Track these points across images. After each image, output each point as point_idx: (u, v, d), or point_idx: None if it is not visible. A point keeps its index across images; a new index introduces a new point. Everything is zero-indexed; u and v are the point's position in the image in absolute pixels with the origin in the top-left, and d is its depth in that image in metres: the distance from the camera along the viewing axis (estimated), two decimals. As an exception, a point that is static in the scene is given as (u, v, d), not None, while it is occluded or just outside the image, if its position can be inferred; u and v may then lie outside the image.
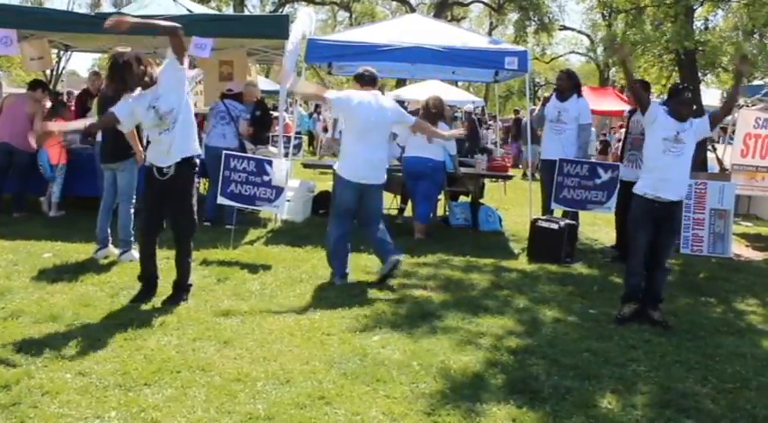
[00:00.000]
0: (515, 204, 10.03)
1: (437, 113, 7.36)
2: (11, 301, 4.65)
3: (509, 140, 19.58)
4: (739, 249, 8.06)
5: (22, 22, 7.74)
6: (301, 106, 19.41)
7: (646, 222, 4.92)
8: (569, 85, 7.38)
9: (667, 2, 9.94)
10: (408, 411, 3.31)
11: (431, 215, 7.80)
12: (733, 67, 11.00)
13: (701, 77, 11.03)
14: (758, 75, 11.55)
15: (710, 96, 16.53)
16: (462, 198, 9.07)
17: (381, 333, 4.37)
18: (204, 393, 3.38)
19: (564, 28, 33.43)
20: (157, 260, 4.91)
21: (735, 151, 9.68)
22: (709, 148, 10.49)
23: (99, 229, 5.97)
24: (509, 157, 14.24)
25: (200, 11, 9.37)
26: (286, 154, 8.46)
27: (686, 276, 6.56)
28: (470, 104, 19.71)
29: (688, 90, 5.07)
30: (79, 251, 6.08)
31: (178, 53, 4.55)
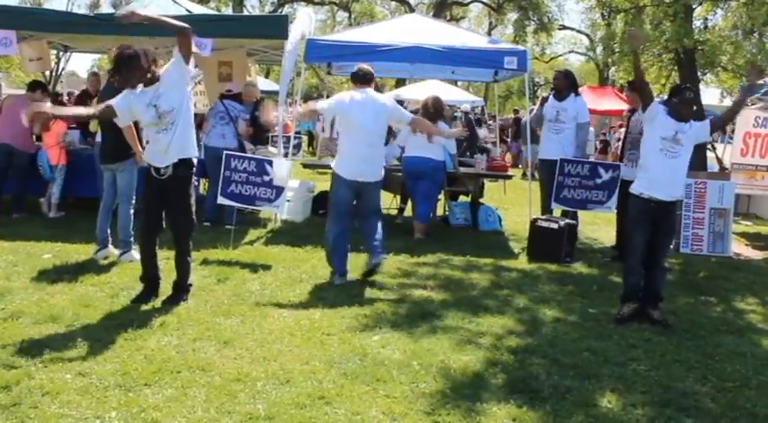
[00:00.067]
0: (515, 204, 10.03)
1: (436, 113, 7.36)
2: (11, 301, 4.65)
3: (509, 140, 19.56)
4: (739, 248, 8.07)
5: (20, 23, 7.74)
6: (301, 106, 19.39)
7: (643, 222, 4.92)
8: (566, 85, 7.41)
9: (666, 1, 9.94)
10: (408, 411, 3.31)
11: (431, 215, 7.79)
12: (746, 79, 11.03)
13: (700, 76, 11.03)
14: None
15: (710, 95, 16.57)
16: (462, 198, 9.07)
17: (381, 333, 4.37)
18: (204, 393, 3.38)
19: (563, 27, 33.45)
20: (159, 261, 4.92)
21: (734, 150, 9.69)
22: (709, 147, 10.49)
23: (99, 230, 5.98)
24: (504, 156, 14.17)
25: (200, 11, 9.38)
26: (286, 154, 8.47)
27: (686, 275, 6.56)
28: (467, 104, 19.67)
29: (690, 90, 5.05)
30: (79, 252, 6.08)
31: (185, 53, 4.54)
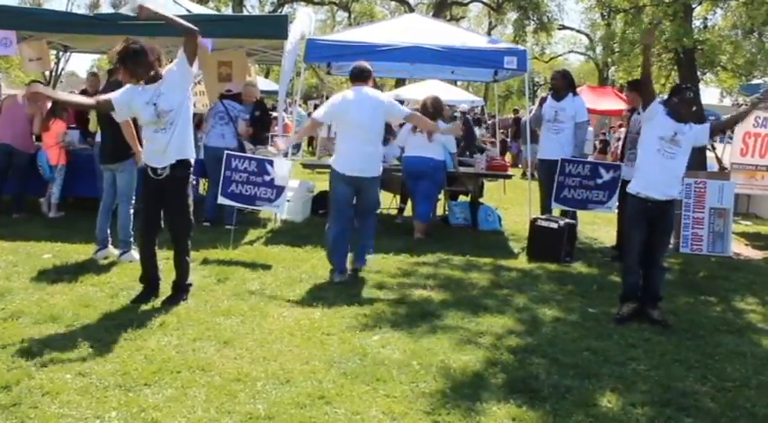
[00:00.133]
0: (515, 204, 10.04)
1: (435, 113, 7.36)
2: (11, 301, 4.65)
3: (508, 140, 19.56)
4: (739, 248, 8.07)
5: (20, 23, 7.74)
6: (301, 106, 19.39)
7: (639, 221, 4.93)
8: (564, 85, 7.44)
9: (666, 1, 9.93)
10: (408, 411, 3.31)
11: (431, 214, 7.80)
12: (752, 99, 11.02)
13: (699, 76, 11.02)
14: (757, 73, 11.54)
15: (709, 95, 16.56)
16: (462, 197, 9.07)
17: (381, 332, 4.37)
18: (204, 393, 3.38)
19: (563, 27, 33.41)
20: (158, 261, 4.92)
21: (734, 150, 9.69)
22: (709, 147, 10.48)
23: (99, 230, 5.98)
24: (504, 157, 14.13)
25: (199, 11, 9.38)
26: (285, 154, 8.46)
27: (686, 275, 6.56)
28: (465, 104, 19.66)
29: (690, 90, 5.05)
30: (79, 252, 6.08)
31: (190, 54, 4.54)
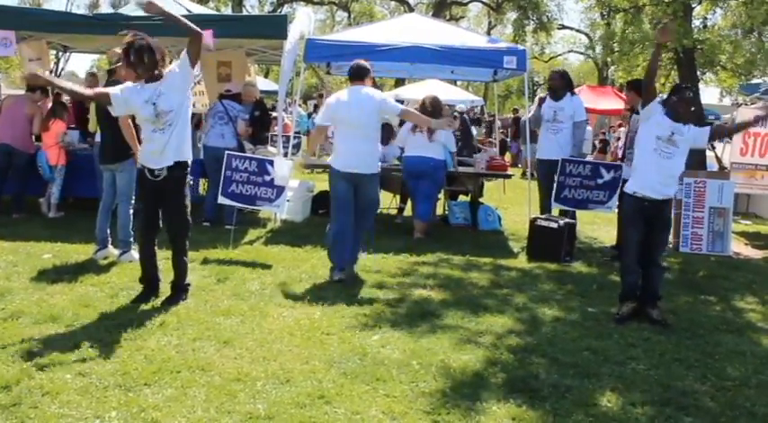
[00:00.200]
0: (515, 203, 10.04)
1: (434, 112, 7.36)
2: (11, 301, 4.65)
3: (508, 140, 19.55)
4: (738, 247, 8.07)
5: (20, 23, 7.74)
6: (300, 106, 19.38)
7: (637, 220, 4.93)
8: (562, 85, 7.48)
9: (666, 0, 9.93)
10: (408, 410, 3.31)
11: (431, 214, 7.80)
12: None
13: (699, 76, 11.02)
14: (757, 73, 11.55)
15: (709, 95, 16.54)
16: (462, 197, 9.07)
17: (381, 332, 4.37)
18: (204, 393, 3.39)
19: (562, 27, 33.36)
20: (158, 261, 4.92)
21: (734, 149, 9.68)
22: (708, 146, 10.48)
23: (98, 230, 5.98)
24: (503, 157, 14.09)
25: (199, 11, 9.38)
26: (285, 154, 8.47)
27: (685, 275, 6.56)
28: (463, 104, 19.64)
29: (690, 90, 5.05)
30: (79, 252, 6.08)
31: (193, 56, 4.54)
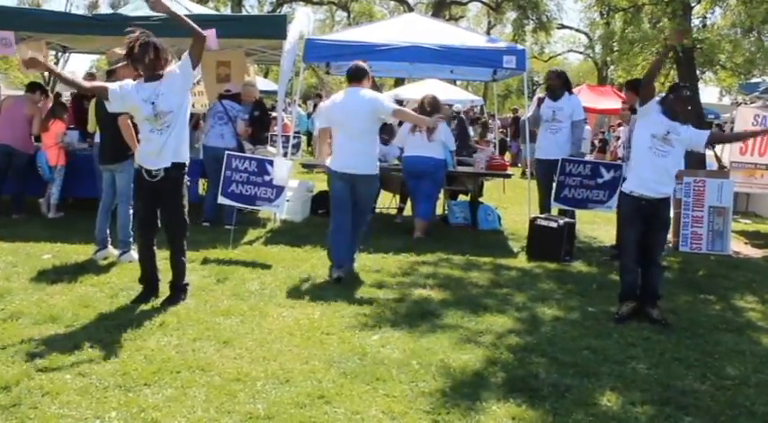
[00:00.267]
0: (514, 203, 10.04)
1: (433, 111, 7.37)
2: (10, 302, 4.65)
3: (508, 139, 19.56)
4: (738, 247, 8.07)
5: (19, 23, 7.73)
6: (300, 106, 19.39)
7: (634, 220, 4.93)
8: (560, 84, 7.51)
9: (665, -1, 9.93)
10: (408, 410, 3.31)
11: (433, 213, 7.81)
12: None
13: (699, 75, 11.01)
14: (756, 72, 11.53)
15: (709, 94, 16.52)
16: (461, 197, 9.08)
17: (381, 332, 4.37)
18: (204, 393, 3.39)
19: (562, 26, 33.33)
20: (157, 261, 4.92)
21: (733, 149, 9.68)
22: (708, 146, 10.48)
23: (98, 231, 5.98)
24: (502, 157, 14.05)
25: (199, 11, 9.38)
26: (285, 154, 8.47)
27: (685, 274, 6.56)
28: (459, 104, 19.60)
29: (687, 88, 5.06)
30: (78, 252, 6.08)
31: (195, 57, 4.54)
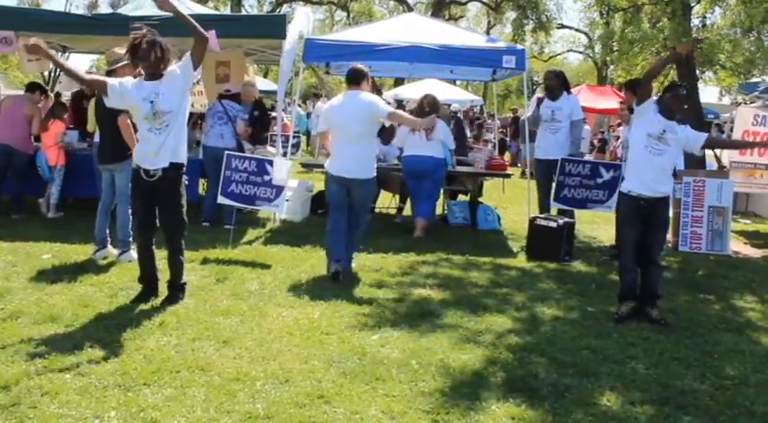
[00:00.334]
0: (514, 203, 10.04)
1: (432, 111, 7.38)
2: (10, 301, 4.65)
3: (508, 139, 19.55)
4: (737, 246, 8.07)
5: (19, 23, 7.72)
6: (300, 106, 19.39)
7: (633, 220, 4.94)
8: (558, 84, 7.51)
9: (665, -1, 9.94)
10: (407, 410, 3.31)
11: (434, 211, 7.81)
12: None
13: (698, 75, 11.02)
14: (756, 72, 11.54)
15: (708, 94, 16.51)
16: (461, 197, 9.08)
17: (380, 332, 4.37)
18: (203, 393, 3.39)
19: (562, 26, 33.32)
20: (156, 261, 4.91)
21: (733, 148, 9.67)
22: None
23: (97, 230, 5.98)
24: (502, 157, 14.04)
25: (198, 10, 9.36)
26: (284, 153, 8.47)
27: (685, 274, 6.57)
28: (456, 104, 19.58)
29: (683, 87, 5.06)
30: (78, 252, 6.08)
31: (196, 59, 4.55)
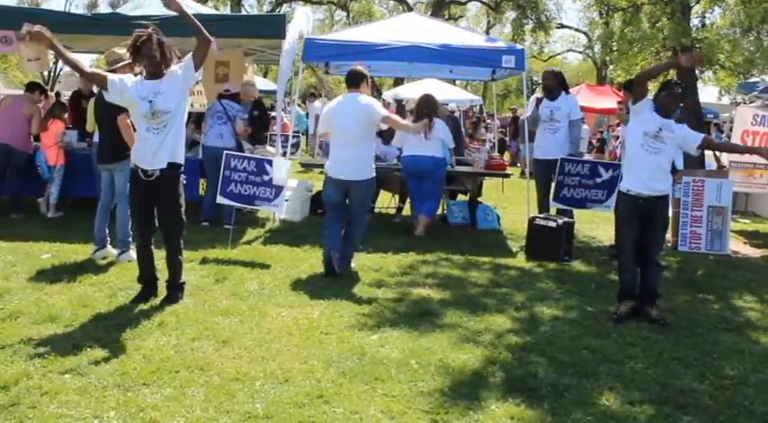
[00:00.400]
0: (513, 203, 10.04)
1: (430, 111, 7.39)
2: (9, 301, 4.65)
3: (507, 139, 19.55)
4: (737, 246, 8.07)
5: (19, 23, 7.70)
6: (299, 106, 19.38)
7: (632, 219, 4.94)
8: (556, 84, 7.52)
9: (664, -1, 9.95)
10: (407, 410, 3.31)
11: (436, 210, 7.81)
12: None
13: (698, 75, 11.02)
14: (755, 72, 11.55)
15: (708, 94, 16.53)
16: (461, 196, 9.08)
17: (380, 332, 4.37)
18: (203, 393, 3.39)
19: (561, 26, 33.34)
20: (155, 261, 4.91)
21: (733, 148, 9.67)
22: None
23: (97, 230, 5.98)
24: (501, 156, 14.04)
25: (199, 10, 9.35)
26: (284, 153, 8.47)
27: (684, 273, 6.57)
28: (453, 104, 19.54)
29: (679, 85, 5.06)
30: (77, 252, 6.08)
31: (198, 59, 4.55)
